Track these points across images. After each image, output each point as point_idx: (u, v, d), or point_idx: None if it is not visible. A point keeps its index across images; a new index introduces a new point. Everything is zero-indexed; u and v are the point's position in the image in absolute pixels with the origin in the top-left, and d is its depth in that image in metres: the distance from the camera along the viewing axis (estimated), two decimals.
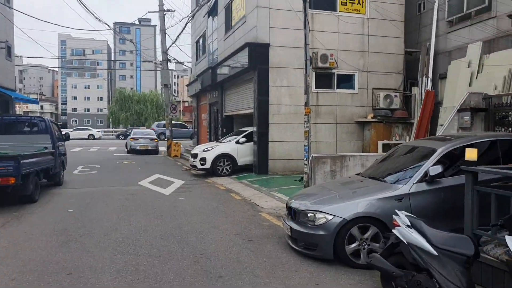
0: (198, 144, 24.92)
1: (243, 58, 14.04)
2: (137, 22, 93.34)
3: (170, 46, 25.18)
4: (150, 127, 55.55)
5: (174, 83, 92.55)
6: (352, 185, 5.80)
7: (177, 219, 7.54)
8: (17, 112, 50.34)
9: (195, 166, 14.14)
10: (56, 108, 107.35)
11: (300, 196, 5.98)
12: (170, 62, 25.52)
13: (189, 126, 51.52)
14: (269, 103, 13.52)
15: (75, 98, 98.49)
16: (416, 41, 15.61)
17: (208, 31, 21.30)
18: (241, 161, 14.07)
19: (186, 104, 70.59)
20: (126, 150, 25.11)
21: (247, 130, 14.54)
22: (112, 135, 53.10)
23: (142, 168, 16.58)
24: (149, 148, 24.01)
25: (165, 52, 24.43)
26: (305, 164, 8.36)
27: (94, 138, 43.41)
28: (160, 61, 25.75)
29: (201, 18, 22.43)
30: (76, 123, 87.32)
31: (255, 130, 13.73)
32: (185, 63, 31.26)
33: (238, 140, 14.20)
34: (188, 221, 7.38)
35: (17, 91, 25.93)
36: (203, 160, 13.81)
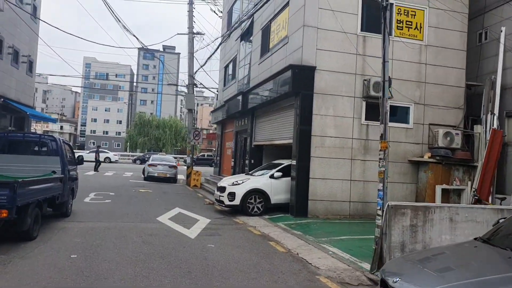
0: (219, 174, 23.21)
1: (283, 82, 12.43)
2: (161, 49, 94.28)
3: (197, 70, 23.90)
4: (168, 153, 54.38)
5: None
6: (499, 261, 3.90)
7: (212, 280, 5.66)
8: (37, 131, 49.80)
9: (222, 202, 12.32)
10: (75, 129, 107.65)
11: (410, 268, 4.07)
12: (196, 86, 24.21)
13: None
14: (312, 133, 11.76)
15: (95, 120, 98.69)
16: (476, 74, 13.84)
17: (240, 56, 19.95)
18: (275, 199, 12.20)
19: (205, 132, 69.64)
20: (142, 176, 23.51)
21: (283, 163, 12.73)
22: (129, 159, 51.89)
23: (160, 199, 14.84)
24: (168, 175, 22.33)
25: (191, 76, 23.16)
26: (378, 215, 6.50)
27: (110, 161, 42.09)
28: (186, 85, 24.48)
29: (232, 42, 21.17)
30: (94, 145, 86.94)
31: (294, 163, 11.93)
32: (211, 89, 30.04)
33: (273, 174, 12.38)
34: (227, 284, 5.51)
35: (35, 108, 24.83)
36: (231, 195, 12.00)
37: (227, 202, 12.04)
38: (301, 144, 11.74)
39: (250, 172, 13.99)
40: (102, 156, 41.56)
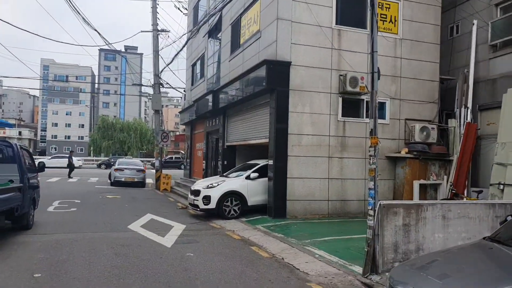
0: (190, 176, 22.50)
1: (257, 79, 11.97)
2: (123, 49, 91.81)
3: (163, 69, 23.09)
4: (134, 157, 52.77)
5: None
6: None
7: None
8: None
9: (196, 206, 11.72)
10: (35, 135, 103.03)
11: (415, 274, 3.68)
12: (163, 86, 23.36)
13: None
14: (289, 132, 11.36)
15: (56, 124, 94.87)
16: (448, 68, 13.88)
17: (208, 53, 19.34)
18: (252, 200, 11.72)
19: (171, 134, 68.34)
20: (109, 181, 22.41)
21: (259, 164, 12.27)
22: (93, 164, 49.98)
23: (129, 205, 14.04)
24: (136, 180, 21.35)
25: (157, 75, 22.32)
26: (369, 215, 6.14)
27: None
28: (151, 85, 23.56)
29: (200, 39, 20.53)
30: (56, 150, 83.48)
31: (271, 163, 11.49)
32: (178, 89, 29.19)
33: (249, 175, 11.88)
34: None
35: None
36: (206, 199, 11.42)
37: (202, 206, 11.46)
38: (277, 143, 11.31)
39: (224, 174, 13.45)
40: (65, 162, 39.80)
